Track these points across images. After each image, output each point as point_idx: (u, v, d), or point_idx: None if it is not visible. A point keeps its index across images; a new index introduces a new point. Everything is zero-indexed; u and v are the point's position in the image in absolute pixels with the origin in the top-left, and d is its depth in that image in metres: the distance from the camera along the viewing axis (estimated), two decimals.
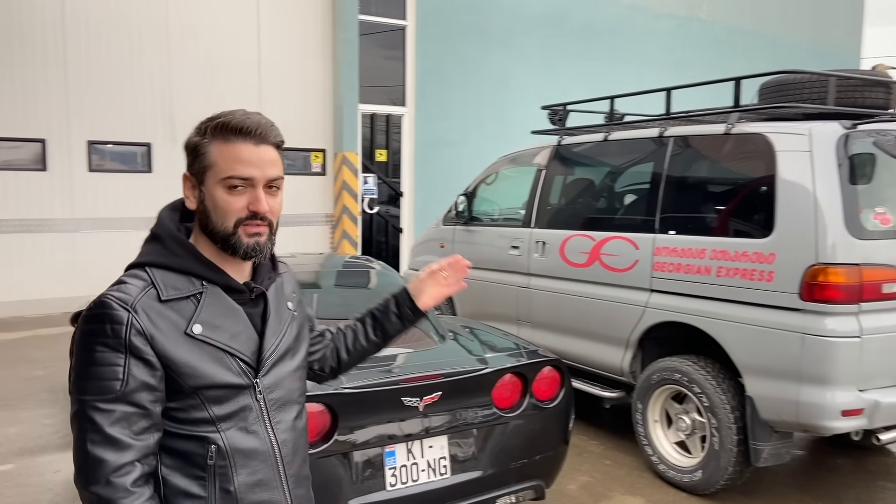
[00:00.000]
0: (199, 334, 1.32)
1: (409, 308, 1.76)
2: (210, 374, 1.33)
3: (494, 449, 3.06)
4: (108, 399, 1.25)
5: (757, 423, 3.69)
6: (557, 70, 11.04)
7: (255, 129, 1.35)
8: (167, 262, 1.35)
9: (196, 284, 1.36)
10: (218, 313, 1.36)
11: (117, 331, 1.26)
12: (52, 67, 8.18)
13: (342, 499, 2.72)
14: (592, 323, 4.67)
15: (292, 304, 1.55)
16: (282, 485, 1.43)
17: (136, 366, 1.26)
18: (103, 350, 1.26)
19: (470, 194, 6.06)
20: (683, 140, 4.26)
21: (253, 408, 1.39)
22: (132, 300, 1.29)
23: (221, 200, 1.35)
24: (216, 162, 1.35)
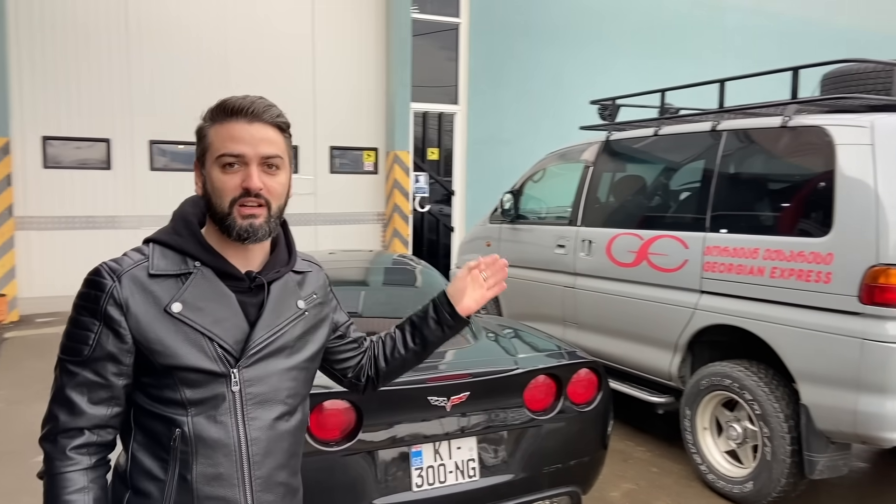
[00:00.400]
0: (177, 313, 1.30)
1: (448, 313, 1.66)
2: (182, 354, 1.30)
3: (526, 452, 2.96)
4: (75, 361, 1.28)
5: (812, 433, 3.47)
6: (614, 67, 10.79)
7: (247, 107, 1.34)
8: (167, 240, 1.36)
9: (189, 265, 1.35)
10: (204, 296, 1.34)
11: (98, 298, 1.28)
12: (116, 68, 8.43)
13: (367, 498, 2.67)
14: (640, 325, 4.50)
15: (304, 303, 1.49)
16: (243, 484, 1.36)
17: (105, 335, 1.28)
18: (83, 314, 1.30)
19: (516, 192, 5.95)
20: (737, 134, 4.06)
21: (226, 398, 1.34)
22: (121, 270, 1.30)
23: (217, 180, 1.34)
24: (213, 142, 1.35)
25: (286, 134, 1.42)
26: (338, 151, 9.52)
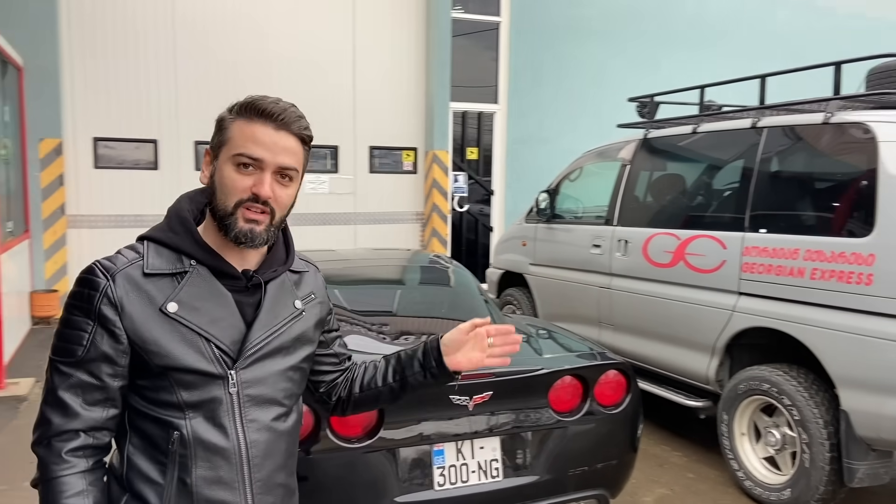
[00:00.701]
0: (173, 313, 1.27)
1: (434, 361, 1.54)
2: (178, 355, 1.27)
3: (551, 454, 2.92)
4: (68, 363, 1.25)
5: (852, 440, 3.35)
6: (658, 65, 10.60)
7: (278, 114, 1.32)
8: (162, 238, 1.33)
9: (184, 263, 1.32)
10: (200, 295, 1.31)
11: (91, 297, 1.25)
12: (164, 71, 8.64)
13: (388, 496, 2.66)
14: (676, 327, 4.41)
15: (301, 303, 1.45)
16: (244, 487, 1.34)
17: (100, 335, 1.25)
18: (76, 314, 1.27)
19: (552, 191, 5.89)
20: (778, 131, 3.94)
21: (224, 400, 1.31)
22: (115, 269, 1.28)
23: (228, 177, 1.31)
24: (233, 137, 1.32)
25: (307, 147, 1.39)
26: (377, 151, 9.57)
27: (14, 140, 7.53)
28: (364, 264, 4.04)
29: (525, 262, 6.18)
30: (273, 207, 1.33)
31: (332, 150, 9.40)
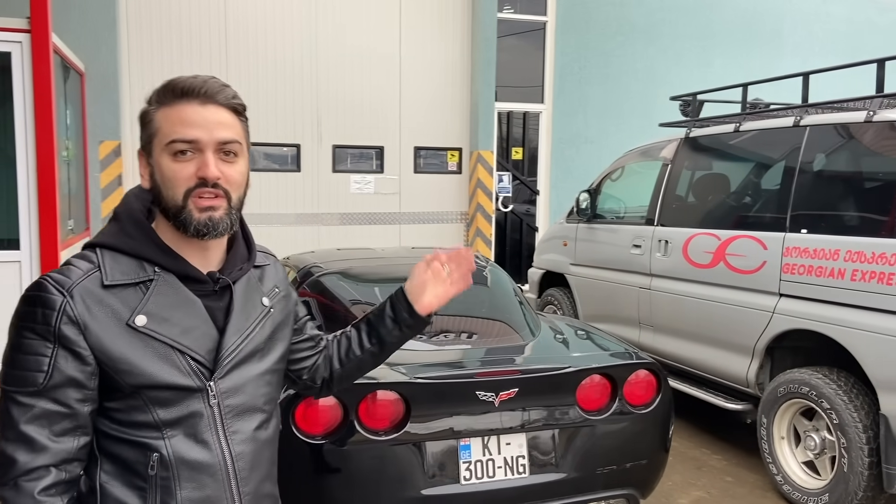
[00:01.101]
0: (141, 326, 1.17)
1: (406, 312, 1.52)
2: (152, 372, 1.17)
3: (579, 452, 2.93)
4: (28, 392, 1.12)
5: (891, 445, 3.27)
6: (711, 62, 10.42)
7: (199, 87, 1.21)
8: (118, 244, 1.22)
9: (147, 271, 1.21)
10: (169, 304, 1.21)
11: (48, 317, 1.13)
12: (216, 72, 8.88)
13: (415, 488, 2.71)
14: (716, 329, 4.35)
15: (269, 300, 1.37)
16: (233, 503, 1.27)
17: (63, 358, 1.13)
18: (31, 337, 1.13)
19: (593, 191, 5.87)
20: (820, 129, 3.86)
21: (204, 414, 1.22)
22: (70, 283, 1.15)
23: (168, 169, 1.20)
24: (160, 127, 1.21)
25: (243, 118, 1.28)
26: (422, 152, 9.66)
27: (76, 142, 7.86)
28: (399, 262, 4.10)
29: (566, 262, 6.17)
30: (225, 188, 1.22)
31: (377, 151, 9.53)
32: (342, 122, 9.30)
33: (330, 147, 9.32)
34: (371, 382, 2.68)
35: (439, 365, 2.91)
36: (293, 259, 4.12)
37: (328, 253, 4.30)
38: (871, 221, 3.48)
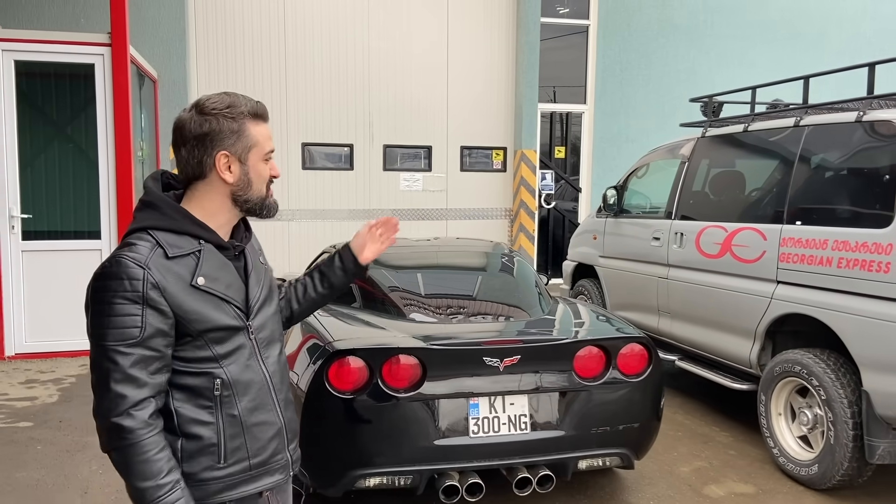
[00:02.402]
0: (202, 285, 1.52)
1: (351, 262, 1.97)
2: (214, 318, 1.53)
3: (576, 414, 3.34)
4: (129, 344, 1.43)
5: (872, 419, 3.56)
6: (754, 62, 10.56)
7: (266, 112, 1.65)
8: (168, 226, 1.53)
9: (194, 243, 1.54)
10: (215, 267, 1.56)
11: (135, 285, 1.44)
12: (277, 78, 9.56)
13: (430, 439, 3.17)
14: (723, 314, 4.68)
15: (263, 258, 1.77)
16: (276, 407, 1.66)
17: (152, 315, 1.45)
18: (123, 302, 1.43)
19: (620, 187, 6.22)
20: (816, 129, 4.16)
21: (247, 346, 1.61)
22: (144, 259, 1.46)
23: (263, 170, 1.62)
24: (259, 141, 1.60)
25: None
26: (468, 150, 10.13)
27: (150, 143, 8.61)
28: (438, 250, 4.56)
29: (595, 255, 6.54)
30: None
31: (426, 150, 10.04)
32: (393, 123, 9.84)
33: (381, 147, 9.88)
34: (393, 347, 3.17)
35: (453, 335, 3.37)
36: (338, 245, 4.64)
37: None
38: (856, 213, 3.77)
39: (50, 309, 6.19)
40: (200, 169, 1.58)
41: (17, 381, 5.61)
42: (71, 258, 6.27)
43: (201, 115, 1.56)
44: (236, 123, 1.57)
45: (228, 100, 1.58)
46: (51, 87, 6.57)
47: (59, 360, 6.16)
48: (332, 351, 3.12)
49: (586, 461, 3.40)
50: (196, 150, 1.56)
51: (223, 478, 1.56)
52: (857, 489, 3.89)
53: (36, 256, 6.23)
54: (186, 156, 1.57)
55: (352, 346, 3.16)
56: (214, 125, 1.55)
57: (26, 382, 5.60)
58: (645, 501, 3.78)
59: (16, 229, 6.16)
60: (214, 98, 1.58)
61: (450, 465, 3.21)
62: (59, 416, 4.85)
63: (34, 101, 6.50)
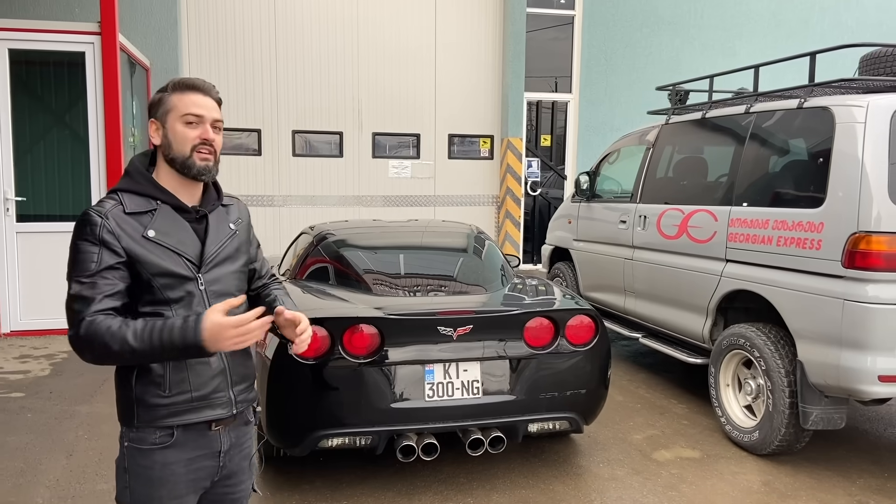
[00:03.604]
0: (152, 237, 1.78)
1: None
2: (161, 265, 1.77)
3: (526, 380, 3.59)
4: (87, 274, 1.72)
5: (806, 387, 3.81)
6: (736, 52, 10.76)
7: (202, 84, 1.86)
8: (132, 188, 1.83)
9: (152, 204, 1.81)
10: (168, 224, 1.81)
11: (94, 230, 1.73)
12: (267, 68, 9.78)
13: (387, 402, 3.42)
14: (679, 292, 4.92)
15: (234, 225, 1.96)
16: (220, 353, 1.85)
17: (106, 253, 1.73)
18: (84, 243, 1.73)
19: (592, 172, 6.45)
20: (763, 116, 4.39)
21: (196, 294, 1.82)
22: (105, 211, 1.76)
23: (181, 132, 1.82)
24: (176, 105, 1.82)
25: (220, 105, 1.92)
26: (456, 139, 10.36)
27: (142, 130, 8.85)
28: (404, 230, 4.81)
29: (569, 238, 6.78)
30: (215, 149, 1.85)
31: (414, 138, 10.26)
32: (382, 111, 10.07)
33: (370, 134, 10.10)
34: (353, 317, 3.41)
35: (410, 306, 3.61)
36: (316, 227, 4.88)
37: (352, 222, 5.03)
38: (794, 195, 4.00)
39: (43, 288, 6.46)
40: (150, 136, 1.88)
41: (11, 357, 5.88)
42: (63, 239, 6.45)
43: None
44: (160, 94, 1.86)
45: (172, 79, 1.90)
46: (45, 74, 6.80)
47: (52, 338, 6.44)
48: None
49: (536, 424, 3.65)
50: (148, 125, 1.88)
51: (168, 405, 1.80)
52: (796, 455, 4.14)
53: (30, 238, 6.49)
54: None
55: (314, 315, 3.40)
56: (151, 99, 1.89)
57: (20, 357, 5.87)
58: (595, 465, 4.03)
59: (10, 212, 6.42)
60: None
61: (407, 427, 3.46)
62: (49, 388, 5.12)
63: (29, 88, 6.74)
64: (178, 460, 1.82)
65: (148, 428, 1.79)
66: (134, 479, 1.81)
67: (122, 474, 1.83)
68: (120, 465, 1.84)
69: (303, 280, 4.26)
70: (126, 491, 1.82)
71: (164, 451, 1.81)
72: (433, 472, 3.85)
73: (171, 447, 1.81)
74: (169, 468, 1.82)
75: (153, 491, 1.81)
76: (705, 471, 3.96)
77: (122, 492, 1.84)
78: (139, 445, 1.80)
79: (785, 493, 3.70)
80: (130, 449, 1.81)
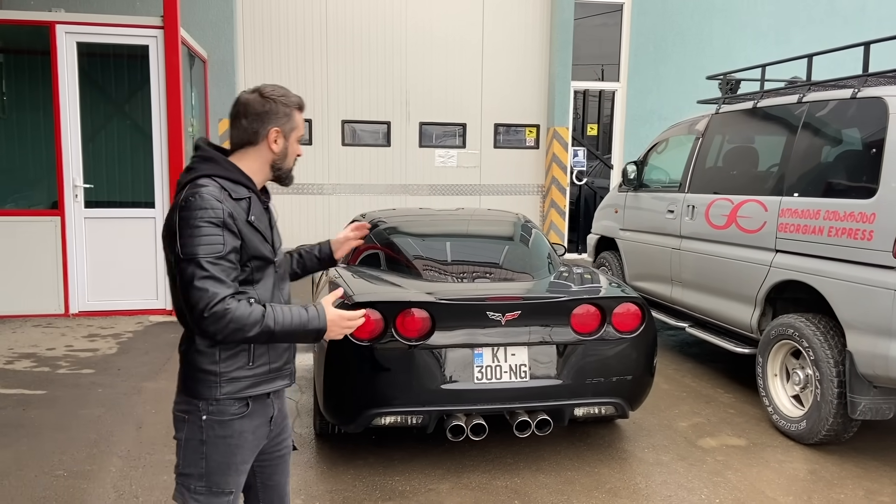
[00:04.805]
0: (253, 222, 1.93)
1: (327, 255, 2.43)
2: (259, 248, 1.93)
3: (572, 365, 3.67)
4: (216, 256, 1.82)
5: (854, 377, 3.81)
6: (790, 40, 10.55)
7: (304, 106, 2.10)
8: (227, 175, 1.94)
9: (246, 191, 1.96)
10: (258, 212, 1.97)
11: (217, 213, 1.84)
12: (319, 60, 9.98)
13: (437, 383, 3.55)
14: (728, 282, 4.93)
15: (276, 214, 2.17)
16: None
17: (229, 236, 1.85)
18: (208, 225, 1.82)
19: (640, 162, 6.46)
20: (816, 105, 4.37)
21: (272, 276, 2.00)
22: (219, 195, 1.87)
23: (295, 150, 2.06)
24: (298, 125, 2.04)
25: None
26: (502, 128, 10.43)
27: (199, 120, 9.15)
28: (452, 218, 4.93)
29: (616, 228, 6.81)
30: None
31: (461, 128, 10.36)
32: (429, 101, 10.19)
33: (417, 124, 10.24)
34: (405, 301, 3.55)
35: (460, 292, 3.73)
36: (368, 214, 5.04)
37: (400, 210, 5.18)
38: (846, 185, 3.99)
39: (109, 271, 6.78)
40: (255, 138, 1.99)
41: (80, 335, 6.21)
42: (128, 225, 6.84)
43: (263, 98, 1.99)
44: (288, 109, 2.01)
45: (283, 91, 2.03)
46: (110, 66, 7.10)
47: (117, 318, 6.75)
48: (350, 304, 3.52)
49: (582, 409, 3.74)
50: (255, 122, 1.97)
51: (251, 377, 1.96)
52: (843, 445, 4.14)
53: (97, 223, 6.81)
54: (246, 125, 1.98)
55: (369, 299, 3.55)
56: (272, 107, 1.99)
57: (88, 336, 6.19)
58: (641, 450, 4.10)
59: (79, 198, 6.74)
60: (273, 87, 2.02)
61: (456, 408, 3.58)
62: (117, 366, 5.40)
63: (95, 79, 7.04)
64: (249, 428, 1.99)
65: (228, 400, 1.94)
66: (213, 448, 1.95)
67: (196, 447, 1.95)
68: (192, 439, 1.96)
69: (355, 265, 4.42)
70: (202, 461, 1.95)
71: (242, 421, 1.97)
72: (481, 452, 3.98)
73: (246, 417, 1.97)
74: (243, 436, 1.98)
75: (230, 458, 1.97)
76: (751, 458, 4.00)
77: (196, 462, 1.96)
78: (220, 417, 1.94)
79: (831, 481, 3.72)
80: (210, 421, 1.94)
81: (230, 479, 1.99)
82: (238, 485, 2.03)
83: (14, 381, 5.04)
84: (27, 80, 7.10)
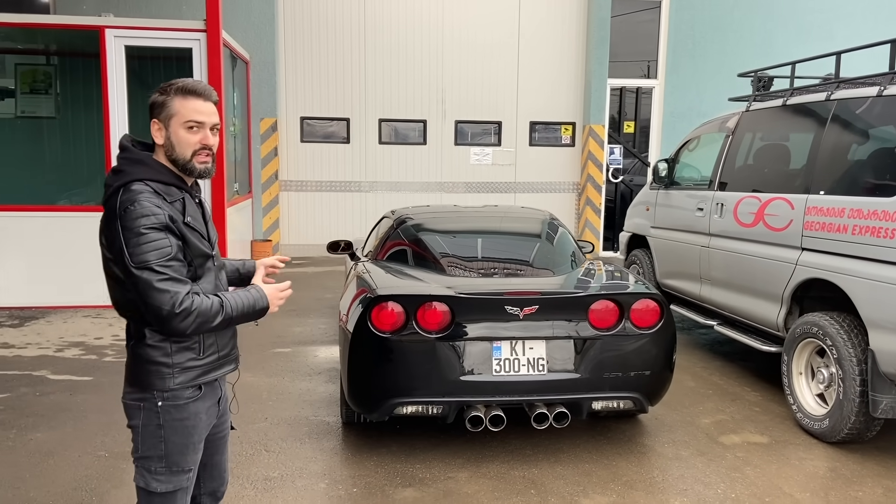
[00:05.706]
0: (190, 223, 1.99)
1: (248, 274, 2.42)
2: (199, 246, 2.02)
3: (590, 360, 3.74)
4: (168, 258, 1.90)
5: (876, 375, 3.79)
6: (833, 36, 10.34)
7: (203, 90, 2.00)
8: (157, 177, 1.97)
9: (178, 192, 2.01)
10: (193, 210, 2.04)
11: (159, 218, 1.89)
12: (357, 59, 10.17)
13: (457, 374, 3.66)
14: (754, 280, 4.93)
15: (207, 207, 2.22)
16: None
17: (172, 238, 1.92)
18: (151, 231, 1.87)
19: (671, 160, 6.46)
20: (843, 103, 4.34)
21: (212, 269, 2.09)
22: (156, 200, 1.92)
23: (183, 137, 1.98)
24: (179, 111, 1.97)
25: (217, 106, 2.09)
26: (537, 126, 10.47)
27: (241, 119, 9.42)
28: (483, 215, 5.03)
29: (647, 225, 6.82)
30: (213, 152, 2.06)
31: (496, 126, 10.44)
32: (464, 99, 10.29)
33: (453, 122, 10.36)
34: (426, 294, 3.67)
35: (480, 286, 3.83)
36: (397, 211, 5.18)
37: (430, 207, 5.31)
38: (870, 183, 3.96)
39: None
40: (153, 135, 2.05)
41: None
42: None
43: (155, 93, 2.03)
44: (164, 97, 2.00)
45: (173, 81, 2.02)
46: (156, 68, 7.39)
47: None
48: (373, 297, 3.65)
49: (601, 403, 3.80)
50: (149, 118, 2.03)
51: (201, 365, 2.07)
52: (866, 444, 4.12)
53: None
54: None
55: (391, 292, 3.68)
56: (154, 99, 2.03)
57: None
58: (660, 445, 4.15)
59: None
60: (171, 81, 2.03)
61: (475, 399, 3.69)
62: None
63: (143, 80, 7.33)
64: (202, 409, 2.11)
65: (181, 388, 2.03)
66: (171, 431, 2.03)
67: (153, 431, 2.02)
68: (150, 424, 2.02)
69: (383, 261, 4.55)
70: (161, 444, 2.03)
71: (196, 403, 2.09)
72: (500, 443, 4.08)
73: (200, 399, 2.10)
74: (198, 416, 2.10)
75: (188, 438, 2.08)
76: (772, 455, 4.01)
77: (155, 446, 2.03)
78: (175, 402, 2.02)
79: (850, 478, 3.71)
80: (166, 407, 2.01)
81: (189, 458, 2.09)
82: (195, 462, 2.13)
83: (63, 367, 5.32)
84: (80, 82, 7.44)
